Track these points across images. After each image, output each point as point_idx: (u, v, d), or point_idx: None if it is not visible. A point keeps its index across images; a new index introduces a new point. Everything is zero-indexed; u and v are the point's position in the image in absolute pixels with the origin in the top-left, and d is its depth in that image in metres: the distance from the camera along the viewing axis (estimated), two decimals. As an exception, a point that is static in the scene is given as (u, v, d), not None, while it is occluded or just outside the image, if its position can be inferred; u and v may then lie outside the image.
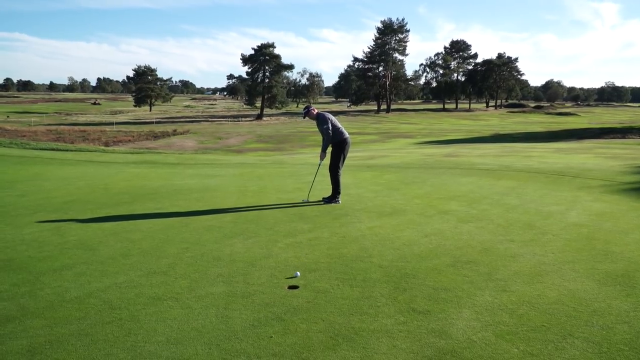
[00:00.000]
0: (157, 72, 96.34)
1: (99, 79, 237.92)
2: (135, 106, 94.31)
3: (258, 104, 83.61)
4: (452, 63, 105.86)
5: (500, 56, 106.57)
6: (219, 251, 4.58)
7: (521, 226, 5.47)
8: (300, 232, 5.26)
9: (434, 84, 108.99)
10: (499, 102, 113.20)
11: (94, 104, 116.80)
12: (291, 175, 11.06)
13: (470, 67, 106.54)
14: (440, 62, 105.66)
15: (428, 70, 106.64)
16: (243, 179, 10.27)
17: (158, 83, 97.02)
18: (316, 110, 6.99)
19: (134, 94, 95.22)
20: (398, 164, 14.77)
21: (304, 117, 6.86)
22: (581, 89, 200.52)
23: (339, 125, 6.90)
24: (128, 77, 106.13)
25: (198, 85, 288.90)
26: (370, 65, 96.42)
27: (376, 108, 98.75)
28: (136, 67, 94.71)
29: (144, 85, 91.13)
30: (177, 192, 8.23)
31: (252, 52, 76.83)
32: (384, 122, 71.20)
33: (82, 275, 3.97)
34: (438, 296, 3.51)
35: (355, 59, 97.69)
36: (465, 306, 3.35)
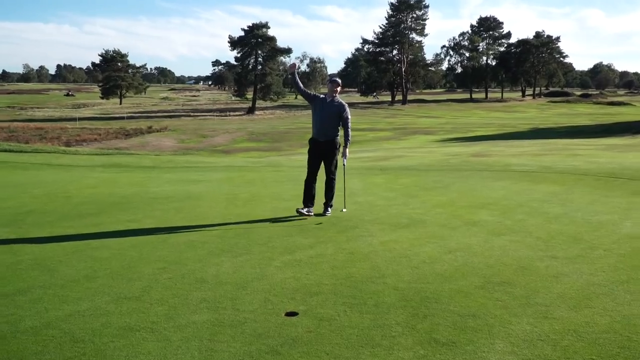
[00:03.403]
0: (128, 58, 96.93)
1: (59, 66, 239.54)
2: (102, 98, 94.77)
3: (249, 95, 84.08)
4: (481, 44, 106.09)
5: (538, 35, 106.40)
6: (202, 271, 4.59)
7: (565, 240, 5.46)
8: (300, 248, 5.27)
9: (459, 70, 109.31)
10: (537, 90, 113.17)
11: (68, 94, 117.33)
12: (289, 180, 11.09)
13: (502, 49, 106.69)
14: (466, 43, 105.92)
15: (451, 53, 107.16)
16: (232, 185, 10.31)
17: (130, 71, 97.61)
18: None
19: (100, 84, 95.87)
20: (416, 165, 14.77)
21: (335, 90, 6.82)
22: (635, 73, 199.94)
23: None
24: (94, 63, 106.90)
25: (178, 74, 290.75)
26: (383, 49, 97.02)
27: (390, 99, 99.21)
28: (103, 51, 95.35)
29: (112, 73, 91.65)
30: (152, 201, 8.26)
31: (242, 33, 77.41)
32: (399, 116, 71.36)
33: (38, 301, 3.99)
34: (465, 324, 3.50)
35: (365, 41, 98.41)
36: (498, 336, 3.34)
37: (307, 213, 6.70)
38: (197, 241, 5.56)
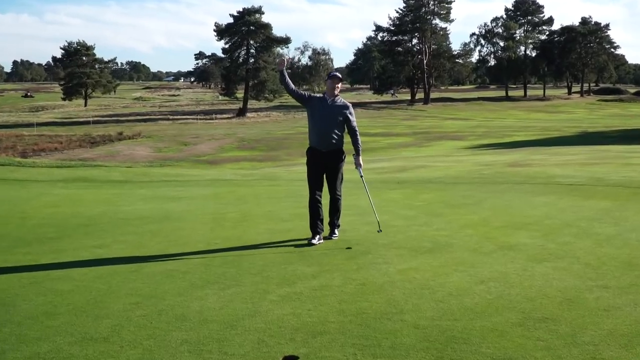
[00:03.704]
0: (94, 51, 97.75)
1: (15, 62, 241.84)
2: (64, 99, 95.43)
3: (240, 94, 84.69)
4: (518, 32, 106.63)
5: (584, 22, 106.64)
6: (183, 307, 4.60)
7: (618, 266, 5.46)
8: (301, 278, 5.28)
9: (492, 62, 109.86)
10: (585, 86, 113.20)
11: (26, 96, 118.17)
12: (288, 196, 11.13)
13: (543, 38, 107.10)
14: (500, 30, 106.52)
15: (483, 42, 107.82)
16: (219, 203, 10.35)
17: (96, 66, 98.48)
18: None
19: (62, 83, 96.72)
20: (441, 177, 14.79)
21: (336, 87, 6.80)
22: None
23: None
24: (55, 58, 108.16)
25: (154, 69, 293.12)
26: (400, 37, 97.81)
27: (409, 97, 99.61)
28: (66, 44, 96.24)
29: (76, 69, 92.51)
30: (124, 222, 8.30)
31: (231, 20, 78.24)
32: (420, 118, 71.59)
33: (-11, 343, 4.01)
34: (500, 370, 3.50)
35: (378, 28, 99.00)
36: (540, 384, 3.34)
37: (319, 242, 6.66)
38: (177, 271, 5.59)
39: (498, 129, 53.63)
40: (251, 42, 78.68)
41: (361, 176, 7.06)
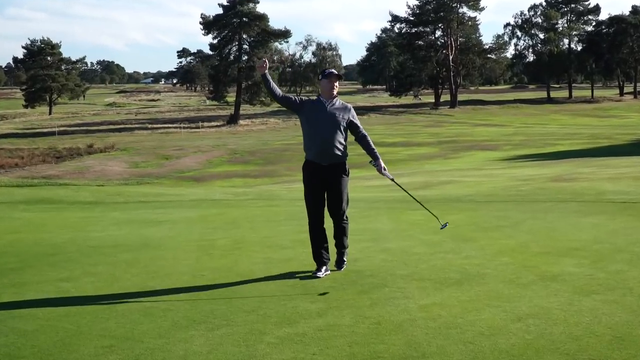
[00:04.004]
0: (61, 50, 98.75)
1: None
2: (26, 107, 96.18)
3: (231, 97, 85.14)
4: (560, 22, 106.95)
5: (636, 11, 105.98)
6: (164, 351, 4.62)
7: (683, 299, 5.44)
8: (304, 316, 5.29)
9: (531, 57, 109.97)
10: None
11: None
12: (289, 218, 11.15)
13: (589, 29, 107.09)
14: (539, 20, 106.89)
15: (519, 34, 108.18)
16: (206, 227, 10.39)
17: (63, 67, 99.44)
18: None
19: (24, 87, 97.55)
20: (471, 195, 14.78)
21: (333, 87, 6.76)
22: None
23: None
24: (16, 59, 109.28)
25: (129, 69, 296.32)
26: (421, 29, 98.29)
27: (433, 100, 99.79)
28: (29, 42, 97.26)
29: (40, 71, 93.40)
30: (94, 251, 8.34)
31: (220, 10, 78.86)
32: (446, 124, 71.71)
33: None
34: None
35: (395, 19, 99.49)
36: None
37: (325, 274, 6.64)
38: (157, 308, 5.60)
39: (538, 137, 53.62)
40: (244, 36, 79.22)
41: (392, 179, 7.07)
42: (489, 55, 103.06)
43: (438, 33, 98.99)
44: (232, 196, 17.19)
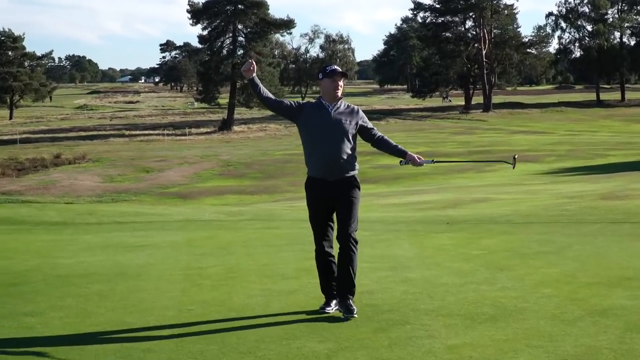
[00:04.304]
0: (24, 43, 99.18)
1: None
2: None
3: (223, 99, 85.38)
4: (610, 12, 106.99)
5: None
6: (146, 400, 4.60)
7: None
8: (311, 358, 5.28)
9: (577, 53, 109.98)
10: None
11: None
12: (292, 242, 11.16)
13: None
14: (586, 9, 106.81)
15: (564, 25, 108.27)
16: (194, 253, 10.40)
17: (26, 64, 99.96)
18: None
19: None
20: (508, 215, 14.76)
21: (338, 87, 6.69)
22: None
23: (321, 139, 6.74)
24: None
25: (104, 66, 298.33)
26: (449, 19, 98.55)
27: (462, 102, 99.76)
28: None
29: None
30: (63, 281, 8.35)
31: (211, -3, 78.96)
32: (478, 131, 71.71)
33: None
34: None
35: (418, 7, 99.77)
36: None
37: (335, 309, 6.60)
38: (136, 349, 5.59)
39: (587, 147, 53.56)
40: (239, 26, 79.53)
41: (433, 161, 7.18)
42: (528, 50, 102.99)
43: (469, 23, 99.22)
44: (224, 216, 17.21)
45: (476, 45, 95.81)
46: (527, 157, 47.66)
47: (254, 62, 6.84)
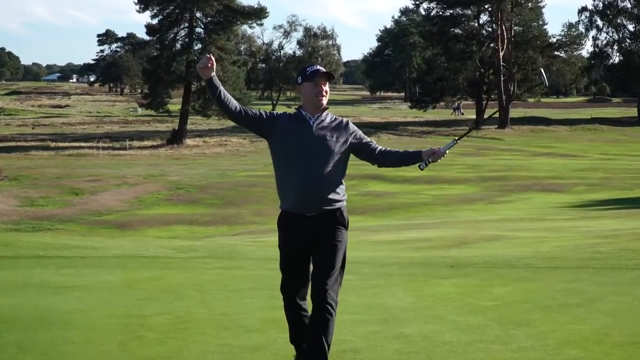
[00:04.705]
0: None
1: None
2: None
3: (174, 105, 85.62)
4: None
5: None
6: None
7: None
8: None
9: (615, 58, 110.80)
10: None
11: None
12: (258, 287, 11.16)
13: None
14: (627, 5, 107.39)
15: (600, 23, 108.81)
16: (135, 298, 10.37)
17: None
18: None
19: None
20: (527, 257, 14.83)
21: (322, 94, 6.56)
22: None
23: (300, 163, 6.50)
24: None
25: (27, 60, 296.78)
26: (459, 11, 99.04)
27: (474, 116, 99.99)
28: None
29: None
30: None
31: (163, -22, 79.08)
32: (492, 152, 71.99)
33: None
34: None
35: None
36: None
37: None
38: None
39: (625, 174, 53.81)
40: (197, 14, 79.56)
41: (455, 141, 7.13)
42: (556, 53, 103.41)
43: (484, 18, 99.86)
44: (173, 252, 17.16)
45: (492, 45, 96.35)
46: (552, 186, 47.97)
47: (213, 59, 6.59)
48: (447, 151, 6.87)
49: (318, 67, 6.70)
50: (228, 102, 6.56)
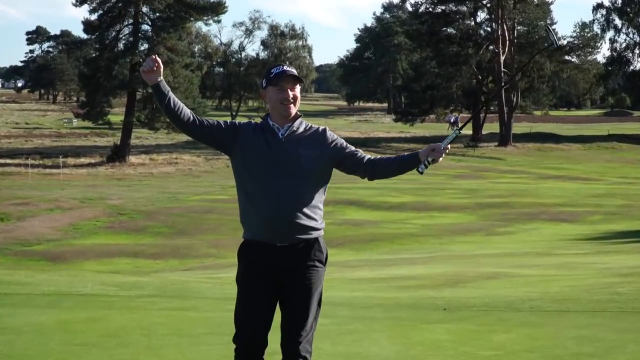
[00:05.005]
0: None
1: None
2: None
3: (115, 116, 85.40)
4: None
5: None
6: None
7: None
8: None
9: (637, 64, 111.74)
10: None
11: None
12: (215, 332, 11.18)
13: None
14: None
15: (618, 23, 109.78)
16: (70, 343, 10.37)
17: None
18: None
19: None
20: (532, 299, 14.91)
21: (291, 100, 6.42)
22: None
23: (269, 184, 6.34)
24: None
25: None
26: (452, 8, 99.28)
27: (470, 132, 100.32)
28: None
29: None
30: None
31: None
32: (492, 173, 72.24)
33: None
34: None
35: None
36: None
37: None
38: None
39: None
40: (143, 9, 79.49)
41: (458, 131, 6.79)
42: (567, 58, 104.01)
43: (482, 15, 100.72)
44: (114, 289, 17.15)
45: (491, 47, 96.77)
46: (562, 214, 48.12)
47: (160, 60, 6.40)
48: (449, 145, 6.60)
49: (285, 67, 6.56)
50: (179, 111, 6.41)
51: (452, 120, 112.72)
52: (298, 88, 6.50)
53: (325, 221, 6.48)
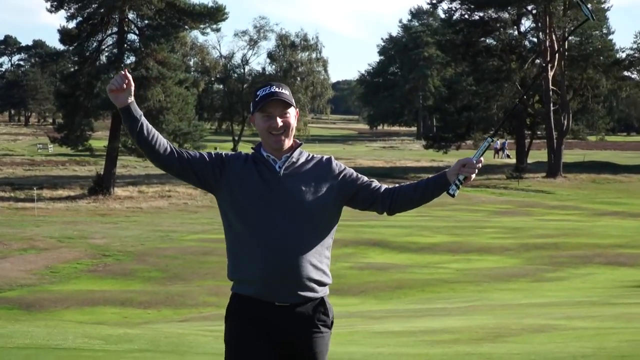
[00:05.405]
0: None
1: None
2: None
3: (98, 141, 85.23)
4: None
5: None
6: None
7: None
8: None
9: None
10: None
11: None
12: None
13: None
14: None
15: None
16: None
17: None
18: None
19: None
20: (586, 355, 15.02)
21: (270, 124, 6.31)
22: None
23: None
24: None
25: None
26: (492, 15, 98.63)
27: (513, 160, 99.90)
28: None
29: None
30: None
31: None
32: (538, 209, 72.18)
33: None
34: None
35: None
36: None
37: None
38: None
39: None
40: (130, 16, 79.65)
41: (489, 140, 6.61)
42: (626, 74, 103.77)
43: (527, 24, 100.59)
44: (100, 343, 17.31)
45: (538, 61, 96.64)
46: (620, 257, 47.99)
47: (130, 77, 6.24)
48: (482, 158, 6.40)
49: (274, 88, 6.33)
50: (154, 140, 6.25)
51: (497, 146, 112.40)
52: (291, 113, 6.35)
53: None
